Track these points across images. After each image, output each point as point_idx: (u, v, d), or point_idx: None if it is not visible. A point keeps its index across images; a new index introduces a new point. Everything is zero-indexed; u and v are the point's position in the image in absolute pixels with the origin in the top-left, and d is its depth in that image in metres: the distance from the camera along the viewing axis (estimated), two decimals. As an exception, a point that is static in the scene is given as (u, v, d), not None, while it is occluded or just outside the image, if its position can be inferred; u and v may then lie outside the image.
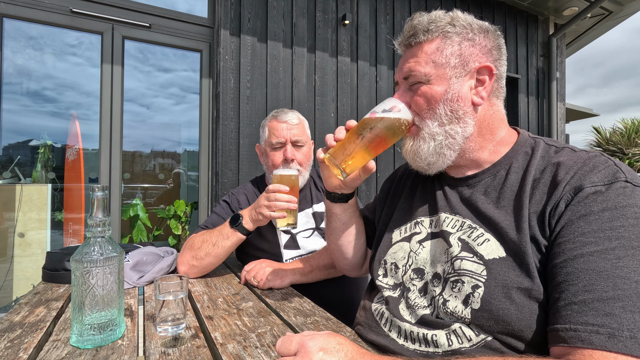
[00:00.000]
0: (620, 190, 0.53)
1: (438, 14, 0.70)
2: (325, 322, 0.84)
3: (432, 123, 0.69)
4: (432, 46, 0.68)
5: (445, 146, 0.69)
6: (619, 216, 0.51)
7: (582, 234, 0.52)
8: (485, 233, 0.64)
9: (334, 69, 2.92)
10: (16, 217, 2.26)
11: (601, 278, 0.48)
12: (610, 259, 0.49)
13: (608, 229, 0.50)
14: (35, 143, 2.45)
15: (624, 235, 0.49)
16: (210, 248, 1.15)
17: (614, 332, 0.45)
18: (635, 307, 0.45)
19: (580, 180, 0.56)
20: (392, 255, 0.79)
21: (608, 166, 0.56)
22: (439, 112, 0.68)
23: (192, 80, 2.80)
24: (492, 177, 0.69)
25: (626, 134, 13.36)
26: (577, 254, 0.51)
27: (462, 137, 0.69)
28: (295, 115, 1.37)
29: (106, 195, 0.72)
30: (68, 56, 2.45)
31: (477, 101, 0.68)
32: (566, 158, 0.61)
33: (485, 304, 0.58)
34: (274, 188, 1.09)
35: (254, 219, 1.14)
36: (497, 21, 3.81)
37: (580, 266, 0.50)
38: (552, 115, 4.09)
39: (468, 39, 0.68)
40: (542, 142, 0.69)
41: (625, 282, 0.47)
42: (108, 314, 0.71)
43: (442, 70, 0.67)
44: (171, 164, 2.96)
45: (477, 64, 0.68)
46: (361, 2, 3.05)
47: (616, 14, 4.08)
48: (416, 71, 0.69)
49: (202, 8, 2.70)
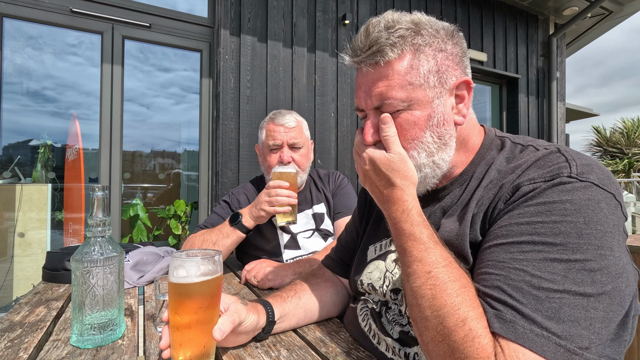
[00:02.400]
0: (558, 187, 0.49)
1: (396, 17, 0.59)
2: (326, 321, 0.84)
3: (420, 154, 0.61)
4: (404, 64, 0.58)
5: (430, 176, 0.63)
6: (543, 212, 0.48)
7: (499, 227, 0.52)
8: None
9: (334, 69, 2.92)
10: (16, 217, 2.26)
11: (496, 268, 0.49)
12: (511, 252, 0.48)
13: (524, 223, 0.49)
14: (35, 143, 2.45)
15: (538, 232, 0.48)
16: (210, 247, 1.15)
17: (499, 314, 0.45)
18: (524, 299, 0.45)
19: (520, 178, 0.54)
20: (368, 276, 0.75)
21: (556, 163, 0.52)
22: (425, 140, 0.60)
23: (193, 80, 2.80)
24: (459, 186, 0.66)
25: (626, 133, 13.36)
26: (486, 246, 0.53)
27: (447, 163, 0.63)
28: (292, 117, 1.36)
29: (106, 195, 0.72)
30: (68, 56, 2.45)
31: (459, 121, 0.62)
32: (523, 157, 0.58)
33: None
34: (275, 184, 1.12)
35: (254, 215, 1.15)
36: (497, 21, 3.81)
37: (484, 257, 0.52)
38: (552, 115, 4.09)
39: (440, 50, 0.60)
40: (508, 141, 0.65)
41: (518, 274, 0.46)
42: (108, 314, 0.71)
43: (422, 91, 0.59)
44: (171, 164, 2.96)
45: (454, 79, 0.61)
46: (361, 2, 3.05)
47: (616, 14, 4.08)
48: (391, 98, 0.59)
49: (202, 8, 2.70)
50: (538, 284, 0.45)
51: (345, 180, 1.50)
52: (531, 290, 0.45)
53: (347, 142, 2.95)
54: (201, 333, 0.57)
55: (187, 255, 0.59)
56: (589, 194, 0.48)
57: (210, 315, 0.58)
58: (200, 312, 0.57)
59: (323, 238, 1.38)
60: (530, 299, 0.44)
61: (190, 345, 0.56)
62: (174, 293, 0.57)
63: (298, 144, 1.34)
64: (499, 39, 3.83)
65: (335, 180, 1.49)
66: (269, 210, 1.11)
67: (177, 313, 0.56)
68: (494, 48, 3.80)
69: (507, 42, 3.88)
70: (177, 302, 0.57)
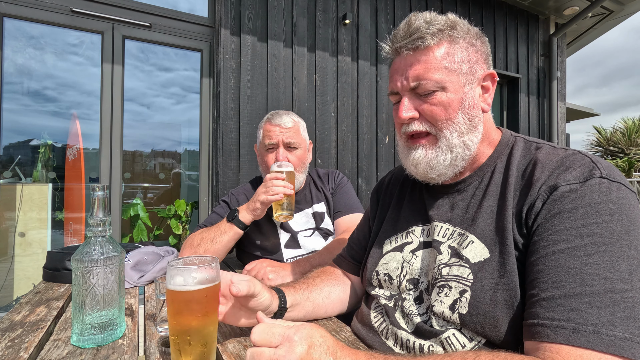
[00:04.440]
0: (596, 187, 0.52)
1: (434, 16, 0.67)
2: (326, 322, 0.84)
3: (452, 134, 0.65)
4: (441, 50, 0.64)
5: (460, 158, 0.67)
6: (593, 213, 0.51)
7: (555, 231, 0.52)
8: (469, 236, 0.64)
9: (335, 69, 2.91)
10: (17, 216, 2.26)
11: (569, 275, 0.48)
12: (580, 256, 0.49)
13: (580, 226, 0.51)
14: (36, 142, 2.45)
15: (596, 232, 0.49)
16: (208, 244, 1.17)
17: (578, 327, 0.45)
18: (601, 303, 0.45)
19: (556, 179, 0.56)
20: (385, 266, 0.76)
21: (584, 163, 0.56)
22: (457, 121, 0.65)
23: (193, 80, 2.80)
24: (479, 180, 0.69)
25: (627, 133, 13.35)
26: (548, 251, 0.52)
27: (475, 145, 0.67)
28: (289, 118, 1.35)
29: (107, 194, 0.72)
30: (69, 56, 2.45)
31: (485, 108, 0.68)
32: (544, 156, 0.61)
33: (472, 308, 0.58)
34: (272, 176, 1.18)
35: (250, 209, 1.18)
36: (497, 20, 3.81)
37: (550, 263, 0.51)
38: (553, 114, 4.08)
39: (472, 45, 0.67)
40: (521, 139, 0.69)
41: (593, 278, 0.47)
42: (109, 314, 0.71)
43: (456, 76, 0.64)
44: (171, 164, 2.96)
45: (482, 71, 0.68)
46: (361, 1, 3.04)
47: (617, 14, 4.08)
48: (427, 78, 0.64)
49: (203, 7, 2.70)
50: (612, 287, 0.46)
51: (344, 179, 1.50)
52: (607, 294, 0.46)
53: (347, 142, 2.95)
54: (200, 339, 0.57)
55: (185, 263, 0.59)
56: (623, 194, 0.52)
57: (209, 321, 0.58)
58: (199, 319, 0.57)
59: (323, 237, 1.38)
60: (608, 302, 0.45)
61: (189, 352, 0.57)
62: (172, 301, 0.57)
63: (294, 144, 1.33)
64: (499, 39, 3.82)
65: (335, 179, 1.49)
66: (263, 200, 1.14)
67: (176, 320, 0.57)
68: (495, 47, 3.80)
69: (507, 41, 3.88)
70: (175, 310, 0.57)
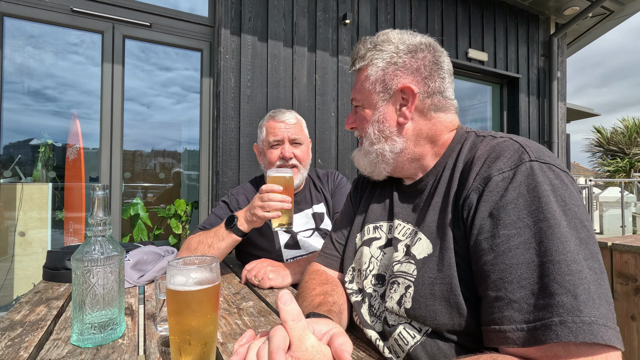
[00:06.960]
0: (528, 171, 0.53)
1: (372, 39, 0.77)
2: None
3: (366, 142, 0.77)
4: (363, 74, 0.76)
5: (378, 162, 0.77)
6: (532, 198, 0.51)
7: (504, 226, 0.52)
8: (419, 233, 0.66)
9: (335, 69, 2.91)
10: (17, 216, 2.26)
11: (530, 270, 0.48)
12: (533, 247, 0.49)
13: (525, 216, 0.51)
14: (36, 142, 2.45)
15: (540, 218, 0.50)
16: (205, 249, 1.14)
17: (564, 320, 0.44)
18: (570, 285, 0.45)
19: (488, 168, 0.57)
20: (358, 262, 0.80)
21: (514, 150, 0.57)
22: (369, 132, 0.76)
23: (193, 80, 2.80)
24: (433, 178, 0.72)
25: (627, 133, 13.35)
26: (504, 248, 0.51)
27: (392, 153, 0.75)
28: (292, 115, 1.38)
29: (107, 194, 0.72)
30: (69, 55, 2.45)
31: (402, 121, 0.73)
32: (482, 146, 0.63)
33: (415, 302, 0.60)
34: (267, 188, 1.07)
35: (248, 220, 1.12)
36: (497, 20, 3.81)
37: (510, 261, 0.50)
38: (553, 114, 4.08)
39: (392, 63, 0.73)
40: (473, 134, 0.71)
41: (552, 266, 0.47)
42: (108, 313, 0.71)
43: (371, 96, 0.75)
44: (172, 163, 2.96)
45: (399, 86, 0.72)
46: (362, 1, 3.04)
47: (617, 14, 4.08)
48: (354, 97, 0.80)
49: (203, 7, 2.70)
50: (568, 269, 0.46)
51: (343, 180, 1.50)
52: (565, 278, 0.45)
53: (347, 142, 2.95)
54: (200, 339, 0.57)
55: (185, 263, 0.60)
56: (555, 174, 0.53)
57: (209, 321, 0.58)
58: (199, 319, 0.57)
59: (323, 237, 1.38)
60: (568, 285, 0.45)
61: (189, 352, 0.57)
62: (171, 300, 0.57)
63: (299, 140, 1.35)
64: (499, 39, 3.82)
65: (334, 180, 1.49)
66: (261, 216, 1.07)
67: (176, 320, 0.57)
68: (495, 48, 3.80)
69: (507, 41, 3.88)
70: (175, 310, 0.57)
